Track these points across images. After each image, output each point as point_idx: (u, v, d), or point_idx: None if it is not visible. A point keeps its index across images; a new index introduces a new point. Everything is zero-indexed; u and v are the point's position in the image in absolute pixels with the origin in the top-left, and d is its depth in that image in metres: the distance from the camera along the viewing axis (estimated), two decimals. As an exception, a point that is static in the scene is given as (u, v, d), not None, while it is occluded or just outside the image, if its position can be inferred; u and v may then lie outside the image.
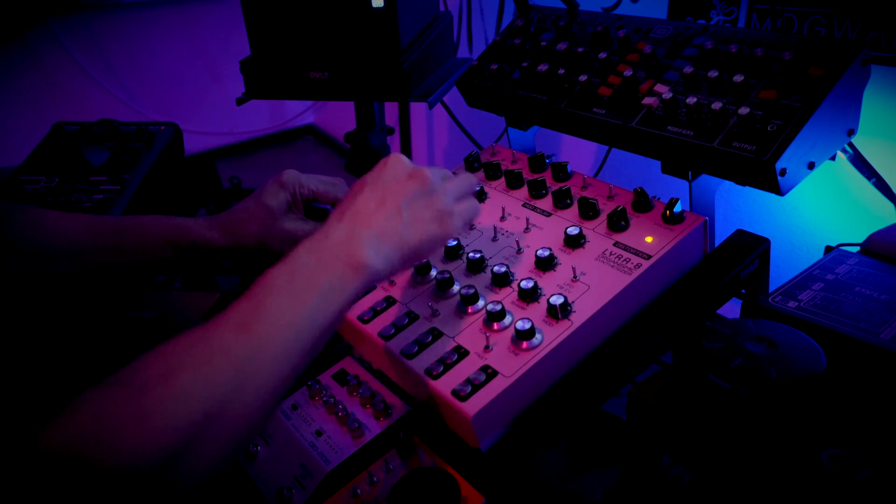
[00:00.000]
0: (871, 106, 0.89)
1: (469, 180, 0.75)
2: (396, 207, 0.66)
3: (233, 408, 0.53)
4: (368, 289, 0.78)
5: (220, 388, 0.53)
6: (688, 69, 0.83)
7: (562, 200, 0.83)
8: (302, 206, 0.90)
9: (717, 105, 0.77)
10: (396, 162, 0.70)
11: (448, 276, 0.77)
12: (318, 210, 0.91)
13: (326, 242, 0.63)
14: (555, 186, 0.86)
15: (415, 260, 0.68)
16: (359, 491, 0.69)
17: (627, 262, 0.73)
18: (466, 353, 0.69)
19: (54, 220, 0.84)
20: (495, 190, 0.92)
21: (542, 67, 0.96)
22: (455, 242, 0.82)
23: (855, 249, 0.88)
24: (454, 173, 0.77)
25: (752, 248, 0.77)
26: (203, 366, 0.53)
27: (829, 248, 0.89)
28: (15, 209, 0.84)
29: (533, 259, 0.76)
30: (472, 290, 0.74)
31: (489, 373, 0.66)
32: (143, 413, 0.49)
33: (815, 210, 1.27)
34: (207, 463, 0.53)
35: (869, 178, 1.12)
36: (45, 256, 0.82)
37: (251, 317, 0.57)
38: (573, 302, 0.70)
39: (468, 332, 0.71)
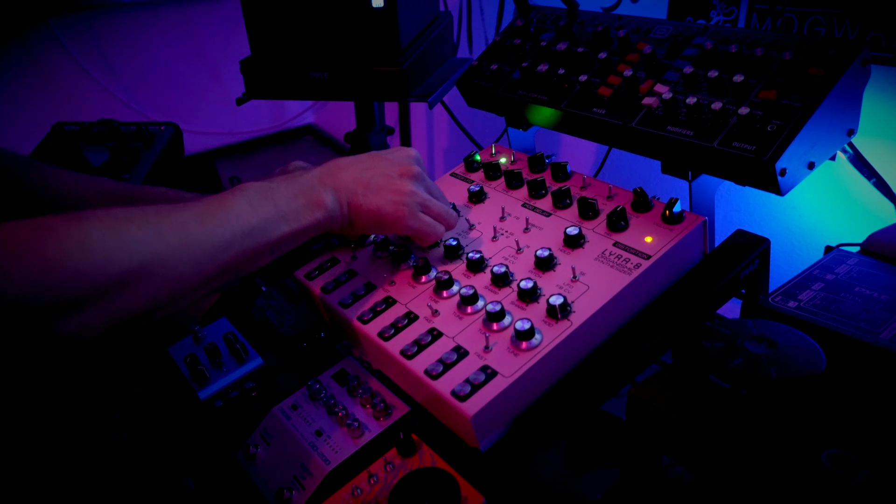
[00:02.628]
0: (871, 106, 0.89)
1: (453, 215, 0.83)
2: (369, 175, 0.76)
3: (159, 269, 0.59)
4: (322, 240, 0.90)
5: (158, 246, 0.59)
6: (688, 69, 0.83)
7: (561, 200, 0.83)
8: None
9: (717, 105, 0.77)
10: (407, 153, 0.80)
11: (448, 276, 0.77)
12: None
13: (299, 179, 0.74)
14: (554, 186, 0.86)
15: (362, 227, 0.76)
16: (359, 491, 0.69)
17: (627, 262, 0.73)
18: (466, 353, 0.69)
19: (69, 178, 0.87)
20: (495, 190, 0.92)
21: (542, 67, 0.96)
22: (455, 242, 0.82)
23: (855, 249, 0.88)
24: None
25: (752, 248, 0.77)
26: (148, 222, 0.60)
27: (829, 248, 0.89)
28: (31, 164, 0.86)
29: (533, 259, 0.76)
30: (471, 291, 0.74)
31: (489, 373, 0.66)
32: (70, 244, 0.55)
33: (815, 210, 1.27)
34: (103, 316, 0.57)
35: (869, 178, 1.12)
36: (60, 206, 0.83)
37: (207, 206, 0.65)
38: (573, 302, 0.70)
39: (468, 333, 0.71)
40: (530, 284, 0.72)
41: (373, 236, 0.89)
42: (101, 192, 0.87)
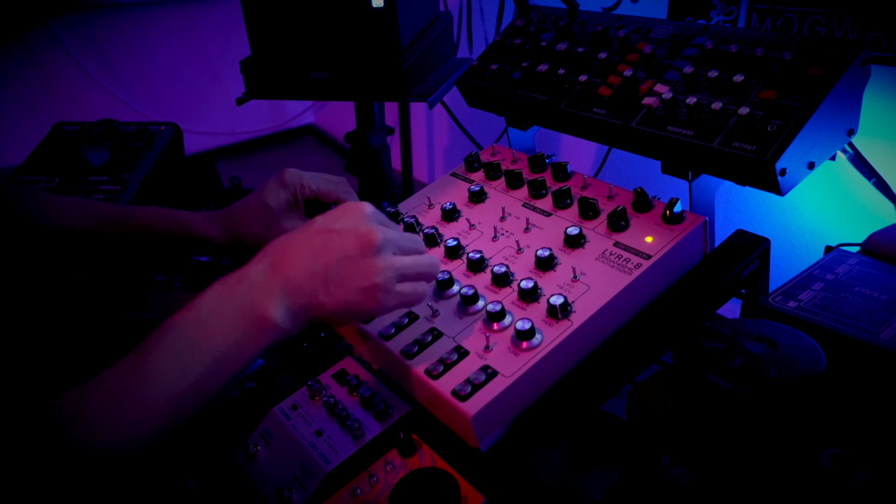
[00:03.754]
0: (871, 106, 0.89)
1: (433, 265, 0.68)
2: (325, 264, 0.61)
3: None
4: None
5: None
6: (688, 69, 0.83)
7: (562, 200, 0.83)
8: (303, 205, 0.89)
9: (717, 105, 0.77)
10: (357, 212, 0.65)
11: (448, 276, 0.77)
12: (318, 210, 0.91)
13: (238, 288, 0.60)
14: (555, 186, 0.86)
15: (327, 324, 0.63)
16: (359, 491, 0.69)
17: (627, 262, 0.73)
18: (466, 353, 0.69)
19: (57, 203, 0.85)
20: (495, 190, 0.92)
21: (542, 67, 0.96)
22: (455, 243, 0.82)
23: (855, 249, 0.88)
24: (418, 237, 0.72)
25: (752, 248, 0.77)
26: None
27: (829, 248, 0.89)
28: (19, 191, 0.85)
29: (533, 259, 0.76)
30: (472, 291, 0.74)
31: (489, 373, 0.66)
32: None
33: (815, 210, 1.27)
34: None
35: (869, 178, 1.12)
36: (47, 238, 0.82)
37: (130, 382, 0.56)
38: (573, 302, 0.70)
39: (468, 333, 0.71)
40: (531, 284, 0.72)
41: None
42: (91, 215, 0.85)
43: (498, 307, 0.70)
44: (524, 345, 0.67)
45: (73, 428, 0.54)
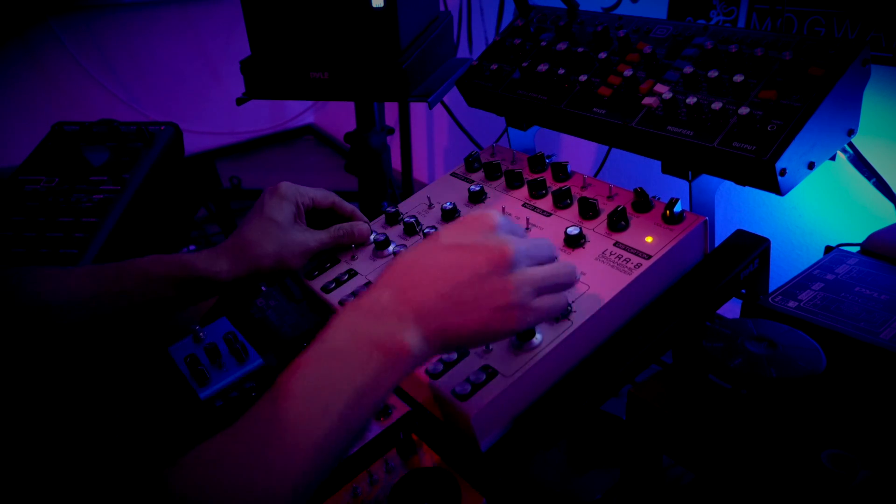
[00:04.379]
0: (871, 106, 0.89)
1: (570, 273, 0.62)
2: (456, 285, 0.56)
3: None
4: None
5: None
6: (688, 69, 0.83)
7: (562, 200, 0.83)
8: (304, 215, 0.89)
9: (717, 105, 0.77)
10: (485, 223, 0.59)
11: (448, 276, 0.76)
12: (317, 219, 0.90)
13: (368, 318, 0.55)
14: (555, 186, 0.86)
15: (463, 347, 0.59)
16: (359, 491, 0.69)
17: (627, 262, 0.73)
18: (466, 353, 0.69)
19: (53, 276, 0.80)
20: (495, 190, 0.92)
21: (542, 67, 0.96)
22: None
23: (855, 249, 0.88)
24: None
25: (752, 248, 0.77)
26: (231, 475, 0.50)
27: (829, 248, 0.89)
28: (11, 271, 0.81)
29: (533, 259, 0.76)
30: (472, 290, 0.73)
31: (489, 373, 0.66)
32: None
33: (815, 210, 1.27)
34: None
35: (869, 178, 1.12)
36: (48, 312, 0.78)
37: (276, 438, 0.51)
38: (573, 302, 0.70)
39: (468, 332, 0.71)
40: (530, 284, 0.72)
41: (373, 235, 0.89)
42: (89, 279, 0.80)
43: (498, 307, 0.70)
44: (524, 345, 0.67)
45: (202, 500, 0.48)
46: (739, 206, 1.41)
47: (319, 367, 0.54)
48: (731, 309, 0.81)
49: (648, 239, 0.75)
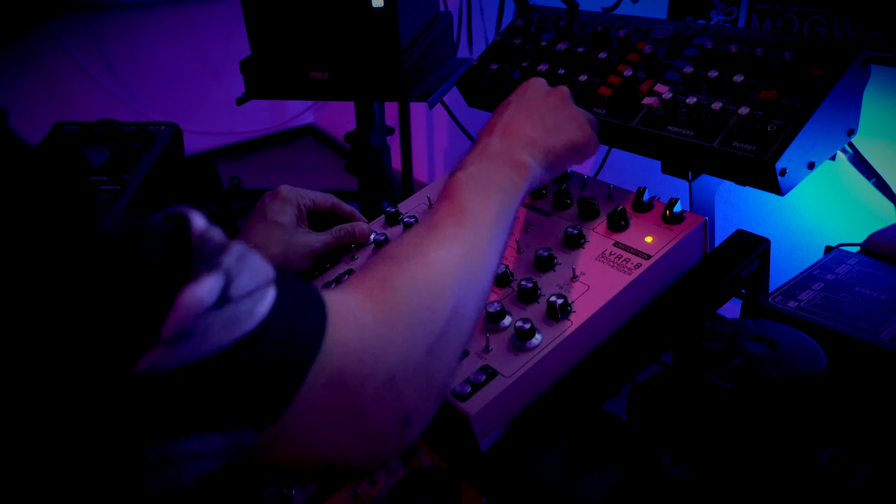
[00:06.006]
0: (871, 106, 0.89)
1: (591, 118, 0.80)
2: (540, 117, 0.71)
3: (466, 299, 0.53)
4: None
5: (458, 276, 0.53)
6: (688, 69, 0.83)
7: (562, 200, 0.83)
8: (306, 217, 0.89)
9: (717, 105, 0.77)
10: (536, 83, 0.76)
11: (448, 276, 0.76)
12: (318, 221, 0.90)
13: (487, 152, 0.66)
14: (554, 186, 0.86)
15: (561, 164, 0.71)
16: (359, 491, 0.69)
17: (627, 262, 0.73)
18: (466, 353, 0.69)
19: None
20: (495, 190, 0.92)
21: (542, 67, 0.96)
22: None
23: (855, 249, 0.88)
24: None
25: (752, 248, 0.77)
26: (438, 264, 0.53)
27: (829, 248, 0.89)
28: None
29: (532, 259, 0.76)
30: (472, 290, 0.73)
31: (489, 373, 0.66)
32: (393, 326, 0.47)
33: (815, 210, 1.27)
34: (446, 371, 0.51)
35: (869, 178, 1.12)
36: None
37: (459, 213, 0.58)
38: (573, 302, 0.70)
39: (468, 332, 0.71)
40: (530, 284, 0.72)
41: (373, 236, 0.89)
42: None
43: (497, 307, 0.70)
44: (524, 345, 0.67)
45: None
46: (739, 206, 1.41)
47: (472, 176, 0.63)
48: (731, 309, 0.81)
49: (648, 239, 0.75)
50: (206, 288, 0.37)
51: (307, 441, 0.42)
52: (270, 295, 0.40)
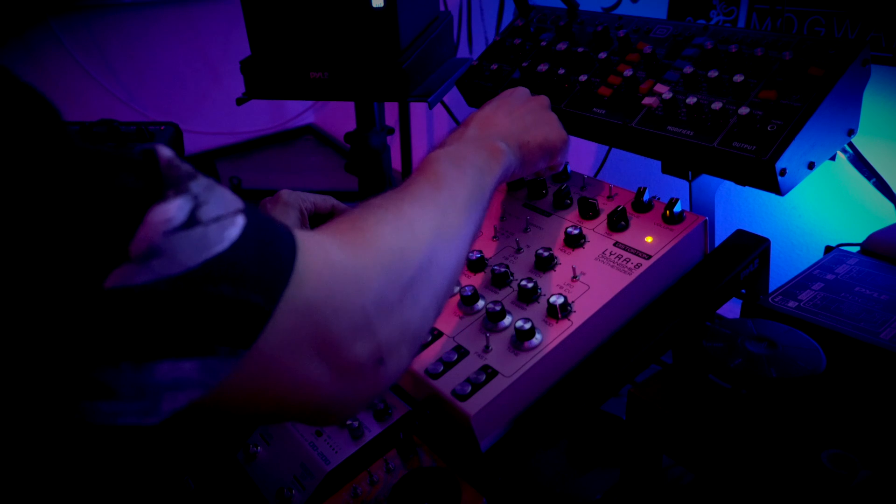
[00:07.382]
0: (871, 106, 0.89)
1: None
2: (519, 115, 0.75)
3: (440, 253, 0.54)
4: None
5: (432, 228, 0.54)
6: (688, 69, 0.83)
7: (562, 200, 0.83)
8: (308, 220, 0.89)
9: (717, 105, 0.77)
10: (519, 89, 0.82)
11: (448, 276, 0.76)
12: (321, 222, 0.90)
13: (464, 137, 0.69)
14: (554, 186, 0.86)
15: (533, 161, 0.74)
16: (359, 491, 0.69)
17: (627, 262, 0.73)
18: (466, 353, 0.69)
19: None
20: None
21: (542, 67, 0.96)
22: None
23: (855, 249, 0.88)
24: None
25: (752, 248, 0.77)
26: (412, 214, 0.54)
27: (829, 248, 0.89)
28: None
29: (533, 259, 0.76)
30: (471, 290, 0.74)
31: (489, 373, 0.66)
32: (364, 272, 0.47)
33: (815, 210, 1.27)
34: (420, 318, 0.51)
35: (869, 178, 1.12)
36: None
37: (436, 181, 0.59)
38: (573, 302, 0.70)
39: (468, 332, 0.71)
40: (530, 284, 0.72)
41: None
42: None
43: (498, 307, 0.70)
44: (524, 345, 0.67)
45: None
46: (739, 206, 1.41)
47: (449, 154, 0.64)
48: (731, 309, 0.81)
49: (648, 239, 0.75)
50: (174, 207, 0.37)
51: (282, 371, 0.43)
52: (240, 222, 0.40)
